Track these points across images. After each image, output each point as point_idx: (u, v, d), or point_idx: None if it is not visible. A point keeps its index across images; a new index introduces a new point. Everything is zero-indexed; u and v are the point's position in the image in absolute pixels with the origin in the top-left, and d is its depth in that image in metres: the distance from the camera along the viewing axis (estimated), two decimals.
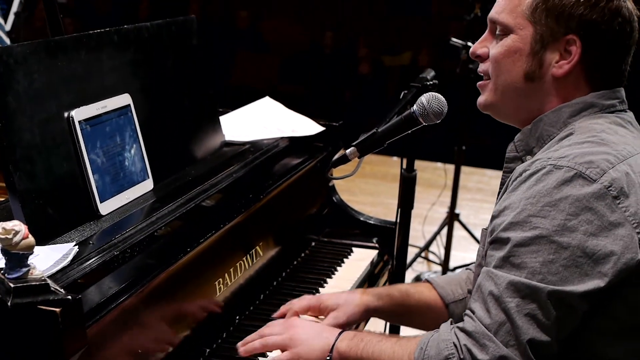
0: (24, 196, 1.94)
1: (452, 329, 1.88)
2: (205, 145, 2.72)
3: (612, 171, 1.80)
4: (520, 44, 1.99)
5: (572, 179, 1.79)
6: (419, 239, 5.77)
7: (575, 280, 1.76)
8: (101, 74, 2.27)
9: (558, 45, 1.96)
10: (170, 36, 2.62)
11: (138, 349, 1.94)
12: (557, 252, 1.77)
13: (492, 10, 2.06)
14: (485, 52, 2.08)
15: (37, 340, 1.58)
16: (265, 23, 12.43)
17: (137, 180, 2.30)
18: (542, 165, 1.84)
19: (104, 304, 1.80)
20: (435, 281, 2.42)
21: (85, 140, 2.12)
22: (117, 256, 1.92)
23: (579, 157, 1.82)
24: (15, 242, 1.58)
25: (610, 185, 1.78)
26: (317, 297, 2.42)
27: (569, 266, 1.76)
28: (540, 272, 1.77)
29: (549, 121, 1.99)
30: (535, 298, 1.77)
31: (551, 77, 1.98)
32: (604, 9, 1.93)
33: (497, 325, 1.79)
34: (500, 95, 2.06)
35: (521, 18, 1.99)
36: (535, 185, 1.82)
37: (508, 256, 1.82)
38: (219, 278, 2.32)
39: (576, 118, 1.97)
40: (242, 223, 2.46)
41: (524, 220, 1.81)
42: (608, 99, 1.99)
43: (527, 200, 1.82)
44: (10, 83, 1.97)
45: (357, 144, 2.45)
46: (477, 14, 5.16)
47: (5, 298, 1.57)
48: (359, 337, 2.05)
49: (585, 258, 1.76)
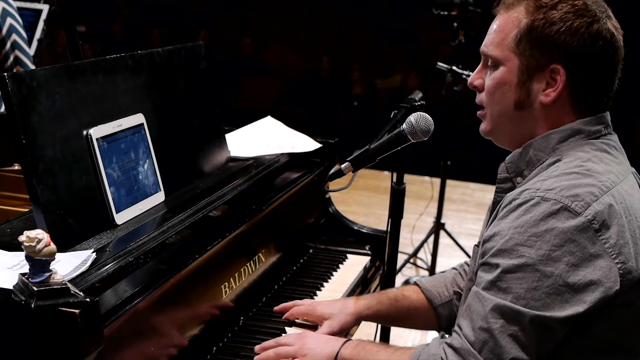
0: (46, 207, 1.94)
1: (440, 344, 1.88)
2: (212, 160, 2.72)
3: (595, 204, 1.78)
4: (508, 75, 1.97)
5: (558, 212, 1.77)
6: (408, 246, 5.77)
7: (556, 307, 1.75)
8: (117, 95, 2.27)
9: (544, 75, 1.93)
10: (180, 61, 2.62)
11: (151, 347, 1.94)
12: (541, 280, 1.76)
13: (483, 43, 2.03)
14: (481, 84, 2.05)
15: (58, 339, 1.58)
16: (268, 49, 12.45)
17: (150, 193, 2.30)
18: (530, 196, 1.82)
19: (119, 306, 1.80)
20: (423, 284, 2.42)
21: (103, 156, 2.12)
22: (132, 262, 1.92)
23: (566, 190, 1.80)
24: (38, 249, 1.58)
25: (594, 218, 1.77)
26: (313, 306, 2.42)
27: (551, 294, 1.75)
28: (525, 297, 1.76)
29: (538, 146, 1.97)
30: (519, 321, 1.76)
31: (539, 105, 1.95)
32: (584, 35, 1.89)
33: (481, 343, 1.79)
34: (496, 124, 2.04)
35: (508, 51, 1.96)
36: (523, 216, 1.81)
37: (496, 280, 1.81)
38: (224, 282, 2.32)
39: (564, 144, 1.94)
40: (246, 232, 2.46)
41: (511, 248, 1.80)
42: (594, 125, 1.95)
43: (515, 229, 1.81)
44: (34, 104, 1.97)
45: (351, 159, 2.45)
46: (461, 40, 5.17)
47: (29, 300, 1.57)
48: (361, 346, 2.06)
49: (567, 287, 1.75)
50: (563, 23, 1.89)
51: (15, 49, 3.69)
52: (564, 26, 1.89)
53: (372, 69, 11.69)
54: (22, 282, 1.61)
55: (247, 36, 12.23)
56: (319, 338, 2.18)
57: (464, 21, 5.13)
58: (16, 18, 3.71)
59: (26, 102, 1.95)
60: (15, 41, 3.69)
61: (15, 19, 3.70)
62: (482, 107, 2.07)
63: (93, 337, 1.61)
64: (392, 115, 2.61)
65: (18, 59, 3.71)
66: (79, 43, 3.61)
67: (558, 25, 1.90)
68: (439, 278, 2.46)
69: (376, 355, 2.01)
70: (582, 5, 1.91)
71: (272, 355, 2.14)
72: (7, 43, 3.66)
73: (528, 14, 1.93)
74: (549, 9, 1.91)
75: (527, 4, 1.94)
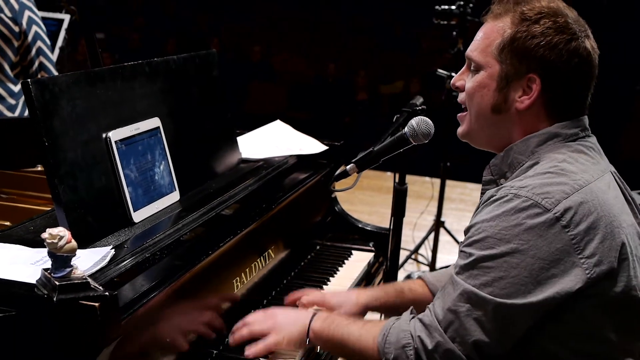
0: (67, 206, 1.94)
1: (411, 319, 1.93)
2: (224, 161, 2.72)
3: (565, 201, 1.80)
4: (488, 80, 1.99)
5: (528, 208, 1.80)
6: (410, 243, 5.76)
7: (519, 296, 1.78)
8: (134, 100, 2.27)
9: (521, 83, 1.95)
10: (194, 67, 2.62)
11: (166, 338, 1.94)
12: (507, 270, 1.79)
13: (469, 48, 2.05)
14: (462, 84, 2.07)
15: (78, 331, 1.58)
16: (276, 57, 12.46)
17: (166, 192, 2.30)
18: (505, 193, 1.85)
19: (137, 299, 1.80)
20: (428, 278, 2.45)
21: (121, 157, 2.12)
22: (148, 258, 1.92)
23: (538, 187, 1.82)
24: (60, 246, 1.58)
25: (562, 215, 1.78)
26: (322, 295, 2.43)
27: (516, 283, 1.78)
28: (492, 285, 1.80)
29: (518, 150, 1.98)
30: (483, 307, 1.80)
31: (515, 110, 1.97)
32: (562, 50, 1.91)
33: (447, 323, 1.84)
34: (474, 125, 2.05)
35: (490, 57, 1.98)
36: (496, 210, 1.84)
37: (468, 267, 1.85)
38: (236, 277, 2.32)
39: (542, 147, 1.95)
40: (256, 229, 2.46)
41: (483, 239, 1.83)
42: (571, 128, 1.97)
43: (488, 222, 1.84)
44: (56, 108, 1.97)
45: (356, 161, 2.45)
46: (460, 48, 5.16)
47: (51, 294, 1.57)
48: (330, 319, 2.10)
49: (530, 278, 1.78)
50: (543, 37, 1.92)
51: (40, 55, 3.70)
52: (544, 40, 1.92)
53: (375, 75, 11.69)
54: (45, 277, 1.61)
55: (257, 44, 12.24)
56: (287, 313, 2.21)
57: (462, 30, 5.13)
58: (41, 26, 3.72)
59: (49, 106, 1.95)
60: (40, 48, 3.70)
61: (40, 27, 3.71)
62: (464, 109, 2.09)
63: (111, 328, 1.62)
64: (394, 119, 2.61)
65: (42, 65, 3.72)
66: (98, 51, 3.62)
67: (538, 39, 1.92)
68: (443, 272, 2.47)
69: (346, 328, 2.04)
70: (563, 23, 1.93)
71: (245, 333, 2.17)
72: (33, 49, 3.67)
73: (513, 25, 1.95)
74: (532, 22, 1.93)
75: (513, 16, 1.96)
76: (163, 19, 13.41)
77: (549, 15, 1.93)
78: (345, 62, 12.01)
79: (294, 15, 12.97)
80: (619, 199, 1.95)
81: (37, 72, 3.70)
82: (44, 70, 3.72)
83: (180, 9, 13.94)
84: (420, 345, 1.86)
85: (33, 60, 3.69)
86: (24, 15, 3.62)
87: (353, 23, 12.84)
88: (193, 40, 12.34)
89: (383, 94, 11.64)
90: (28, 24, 3.64)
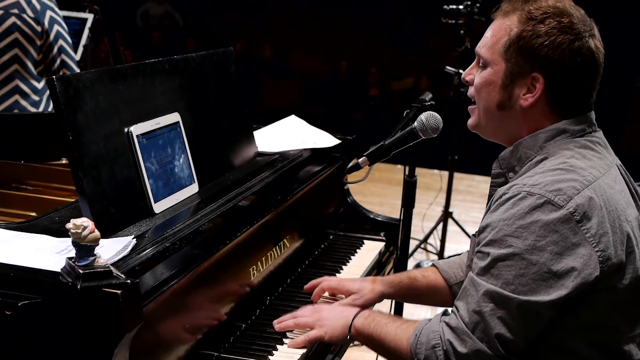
0: (91, 197, 1.94)
1: (440, 322, 1.89)
2: (241, 155, 2.71)
3: (577, 197, 1.78)
4: (494, 77, 1.98)
5: (542, 205, 1.78)
6: (419, 233, 5.75)
7: (541, 292, 1.76)
8: (155, 96, 2.26)
9: (525, 81, 1.94)
10: (212, 65, 2.61)
11: (186, 324, 1.94)
12: (527, 267, 1.77)
13: (478, 44, 2.04)
14: (472, 79, 2.06)
15: (101, 317, 1.58)
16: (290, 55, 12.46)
17: (185, 184, 2.29)
18: (518, 191, 1.83)
19: (157, 287, 1.80)
20: (441, 265, 2.44)
21: (142, 151, 2.12)
22: (168, 247, 1.91)
23: (549, 185, 1.80)
24: (83, 236, 1.58)
25: (575, 210, 1.77)
26: (340, 281, 2.43)
27: (537, 279, 1.76)
28: (513, 283, 1.78)
29: (527, 145, 1.97)
30: (507, 305, 1.78)
31: (519, 107, 1.96)
32: (565, 50, 1.89)
33: (473, 324, 1.81)
34: (482, 118, 2.05)
35: (497, 55, 1.97)
36: (511, 209, 1.82)
37: (487, 268, 1.82)
38: (252, 265, 2.32)
39: (551, 142, 1.94)
40: (272, 220, 2.45)
41: (501, 239, 1.81)
42: (578, 125, 1.95)
43: (504, 221, 1.82)
44: (80, 104, 1.97)
45: (367, 154, 2.45)
46: (467, 46, 5.14)
47: (75, 282, 1.57)
48: (372, 317, 2.08)
49: (550, 273, 1.76)
50: (547, 37, 1.90)
51: (61, 53, 3.71)
52: (548, 40, 1.90)
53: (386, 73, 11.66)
54: (69, 265, 1.61)
55: (272, 43, 12.24)
56: (333, 308, 2.21)
57: (469, 29, 5.11)
58: (62, 25, 3.73)
59: (73, 102, 1.95)
60: (62, 46, 3.71)
61: (62, 26, 3.72)
62: (474, 102, 2.08)
63: (133, 315, 1.61)
64: (404, 114, 2.60)
65: (64, 62, 3.73)
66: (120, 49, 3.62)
67: (543, 39, 1.90)
68: (455, 260, 2.46)
69: (385, 327, 2.02)
70: (568, 23, 1.91)
71: (291, 324, 2.17)
72: (55, 47, 3.68)
73: (519, 24, 1.93)
74: (537, 22, 1.92)
75: (521, 15, 1.94)
76: (184, 18, 13.40)
77: (554, 15, 1.91)
78: (357, 59, 11.99)
79: (308, 15, 12.95)
80: (625, 192, 1.94)
81: (59, 70, 3.71)
82: (66, 67, 3.73)
83: (199, 7, 13.94)
84: (449, 347, 1.83)
85: (55, 58, 3.70)
86: (46, 15, 3.63)
87: (365, 23, 12.81)
88: (211, 38, 12.33)
89: (393, 90, 11.61)
90: (50, 23, 3.64)
